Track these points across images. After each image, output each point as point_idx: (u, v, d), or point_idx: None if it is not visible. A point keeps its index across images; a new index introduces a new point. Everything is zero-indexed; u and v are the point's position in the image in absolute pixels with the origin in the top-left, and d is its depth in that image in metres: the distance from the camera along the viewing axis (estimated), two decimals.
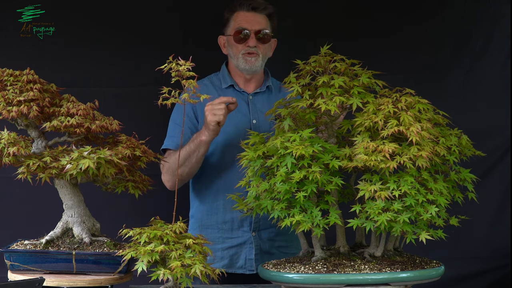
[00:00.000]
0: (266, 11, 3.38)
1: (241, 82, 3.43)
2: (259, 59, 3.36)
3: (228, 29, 3.40)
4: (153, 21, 3.90)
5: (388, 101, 2.56)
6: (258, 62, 3.36)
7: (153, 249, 2.41)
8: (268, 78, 3.48)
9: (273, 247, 3.38)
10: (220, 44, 3.45)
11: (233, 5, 3.40)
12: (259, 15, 3.37)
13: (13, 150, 2.59)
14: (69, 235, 2.72)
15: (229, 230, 3.36)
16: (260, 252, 3.36)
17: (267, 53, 3.40)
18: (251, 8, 3.36)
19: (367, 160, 2.47)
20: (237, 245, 3.36)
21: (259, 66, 3.37)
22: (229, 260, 3.35)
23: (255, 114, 3.38)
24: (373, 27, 4.00)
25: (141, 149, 2.72)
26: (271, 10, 3.40)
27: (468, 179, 2.69)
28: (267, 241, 3.38)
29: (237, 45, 3.35)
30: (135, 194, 2.77)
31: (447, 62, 4.02)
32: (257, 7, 3.37)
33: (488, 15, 4.00)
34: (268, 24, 3.38)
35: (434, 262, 2.65)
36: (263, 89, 3.44)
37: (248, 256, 3.36)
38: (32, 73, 2.73)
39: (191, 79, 2.53)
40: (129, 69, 3.88)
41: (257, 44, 3.34)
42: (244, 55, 3.34)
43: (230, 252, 3.35)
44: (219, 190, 3.34)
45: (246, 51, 3.34)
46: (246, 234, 3.36)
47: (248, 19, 3.36)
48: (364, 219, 2.50)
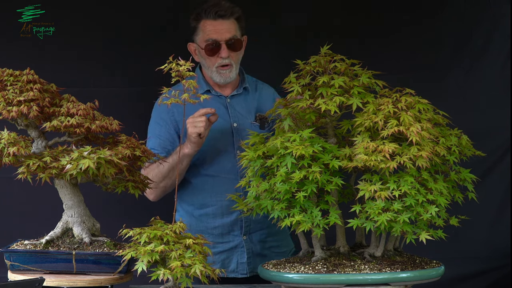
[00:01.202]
0: (233, 16, 3.28)
1: (217, 87, 3.38)
2: (233, 69, 3.30)
3: (197, 37, 3.31)
4: (153, 21, 3.90)
5: (388, 101, 2.56)
6: (232, 73, 3.30)
7: (153, 249, 2.41)
8: (244, 79, 3.42)
9: (265, 249, 3.37)
10: (190, 51, 3.36)
11: (198, 13, 3.29)
12: (227, 22, 3.26)
13: (13, 150, 2.59)
14: (69, 235, 2.72)
15: (219, 235, 3.33)
16: (252, 255, 3.35)
17: (239, 58, 3.33)
18: (218, 16, 3.25)
19: (367, 160, 2.47)
20: (228, 249, 3.34)
21: (234, 76, 3.32)
22: (220, 264, 3.32)
23: (235, 117, 3.35)
24: (373, 27, 3.99)
25: (141, 149, 2.72)
26: (238, 13, 3.29)
27: (468, 179, 2.69)
28: (258, 243, 3.36)
29: (210, 58, 3.28)
30: (135, 194, 2.77)
31: (447, 62, 4.02)
32: (224, 15, 3.25)
33: (488, 15, 4.00)
34: (237, 28, 3.29)
35: (434, 262, 2.65)
36: (240, 91, 3.39)
37: (240, 260, 3.34)
38: (32, 73, 2.73)
39: (191, 79, 2.53)
40: (129, 69, 3.88)
41: (229, 53, 3.27)
42: (218, 69, 3.28)
43: (221, 256, 3.33)
44: (207, 197, 3.32)
45: (219, 64, 3.27)
46: (237, 238, 3.34)
47: (217, 29, 3.25)
48: (364, 219, 2.50)
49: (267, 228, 3.35)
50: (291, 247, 3.49)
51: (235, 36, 3.28)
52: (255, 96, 3.44)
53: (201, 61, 3.36)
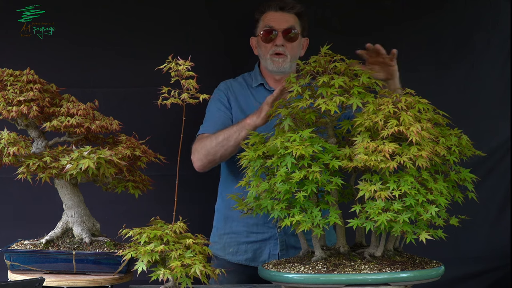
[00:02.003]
0: (294, 10, 3.41)
1: (271, 81, 3.46)
2: (287, 60, 3.38)
3: (258, 29, 3.45)
4: (152, 21, 3.90)
5: (388, 101, 2.56)
6: (285, 64, 3.38)
7: (153, 249, 2.41)
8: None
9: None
10: (252, 45, 3.50)
11: (262, 6, 3.45)
12: (287, 14, 3.40)
13: (13, 150, 2.59)
14: (69, 235, 2.72)
15: (254, 225, 3.38)
16: (286, 247, 3.38)
17: (295, 53, 3.41)
18: (279, 8, 3.40)
19: (367, 160, 2.47)
20: (261, 240, 3.39)
21: (287, 67, 3.39)
22: (252, 254, 3.38)
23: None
24: (373, 27, 3.99)
25: (141, 149, 2.72)
26: (300, 9, 3.43)
27: (468, 179, 2.69)
28: (293, 236, 3.37)
29: (265, 45, 3.39)
30: (135, 194, 2.77)
31: (447, 62, 4.02)
32: (285, 7, 3.40)
33: (488, 15, 4.00)
34: (297, 22, 3.41)
35: (434, 262, 2.65)
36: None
37: (272, 252, 3.38)
38: (32, 73, 2.73)
39: (191, 79, 2.54)
40: (129, 69, 3.88)
41: (284, 43, 3.37)
42: (271, 56, 3.38)
43: (254, 246, 3.38)
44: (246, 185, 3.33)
45: (273, 51, 3.37)
46: (271, 230, 3.38)
47: (276, 19, 3.39)
48: (364, 219, 2.50)
49: None
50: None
51: (292, 27, 3.39)
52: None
53: (258, 52, 3.46)
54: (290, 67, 3.39)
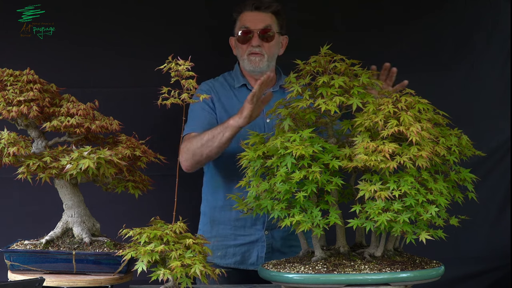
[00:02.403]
0: (270, 9, 3.40)
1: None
2: (264, 59, 3.37)
3: (235, 30, 3.44)
4: (153, 21, 3.90)
5: (388, 101, 2.56)
6: (262, 63, 3.37)
7: (153, 249, 2.41)
8: (281, 77, 3.48)
9: (286, 246, 3.39)
10: (231, 45, 3.49)
11: (239, 6, 3.43)
12: (263, 14, 3.38)
13: (13, 150, 2.59)
14: (69, 235, 2.72)
15: (241, 227, 3.37)
16: (272, 250, 3.37)
17: (273, 52, 3.40)
18: (255, 7, 3.38)
19: (367, 160, 2.47)
20: (249, 242, 3.38)
21: (265, 67, 3.38)
22: (241, 256, 3.37)
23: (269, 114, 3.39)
24: (373, 27, 3.99)
25: (141, 149, 2.72)
26: (276, 8, 3.41)
27: (468, 179, 2.69)
28: (280, 240, 3.38)
29: (242, 46, 3.39)
30: (135, 194, 2.77)
31: (447, 62, 4.02)
32: (261, 6, 3.38)
33: (488, 15, 4.00)
34: (274, 21, 3.39)
35: (434, 262, 2.65)
36: (276, 89, 3.44)
37: (260, 254, 3.38)
38: (32, 73, 2.73)
39: (191, 79, 2.53)
40: (129, 69, 3.88)
41: (260, 43, 3.36)
42: (248, 56, 3.37)
43: (242, 249, 3.37)
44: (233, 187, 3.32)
45: (250, 51, 3.36)
46: (259, 232, 3.37)
47: (252, 19, 3.38)
48: (364, 219, 2.50)
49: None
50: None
51: (268, 27, 3.37)
52: None
53: (237, 52, 3.45)
54: (267, 66, 3.39)
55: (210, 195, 3.44)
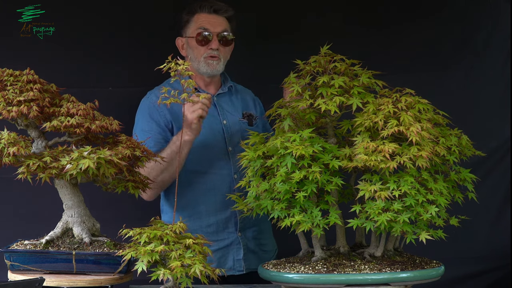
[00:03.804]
0: (227, 14, 3.39)
1: (202, 84, 3.43)
2: (221, 63, 3.37)
3: (188, 30, 3.39)
4: (153, 21, 3.90)
5: (388, 101, 2.56)
6: (219, 66, 3.37)
7: (153, 249, 2.41)
8: (227, 79, 3.49)
9: (256, 245, 3.39)
10: (178, 45, 3.45)
11: (193, 7, 3.39)
12: (220, 18, 3.37)
13: (13, 150, 2.58)
14: (69, 235, 2.72)
15: (214, 232, 3.33)
16: (248, 251, 3.36)
17: (228, 55, 3.41)
18: (213, 10, 3.36)
19: (367, 160, 2.47)
20: (224, 247, 3.34)
21: (220, 70, 3.39)
22: (217, 263, 3.30)
23: (224, 115, 3.40)
24: (373, 27, 3.99)
25: (141, 149, 2.72)
26: (232, 13, 3.40)
27: (468, 179, 2.69)
28: (252, 240, 3.38)
29: (199, 48, 3.35)
30: (135, 194, 2.77)
31: (447, 62, 4.02)
32: (219, 10, 3.37)
33: (488, 15, 4.00)
34: (228, 26, 3.38)
35: (434, 262, 2.65)
36: (225, 90, 3.47)
37: (236, 257, 3.35)
38: (32, 73, 2.73)
39: (190, 79, 2.54)
40: (129, 69, 3.88)
41: (219, 46, 3.34)
42: (206, 59, 3.34)
43: (217, 254, 3.32)
44: (199, 194, 3.31)
45: (208, 54, 3.34)
46: (232, 235, 3.35)
47: (210, 21, 3.35)
48: (364, 219, 2.50)
49: (259, 225, 3.36)
50: (275, 248, 3.50)
51: (226, 31, 3.36)
52: (238, 96, 3.52)
53: (188, 53, 3.40)
54: (222, 69, 3.39)
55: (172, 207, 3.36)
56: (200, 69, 3.37)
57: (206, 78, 3.42)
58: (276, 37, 3.98)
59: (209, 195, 3.29)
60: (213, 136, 3.27)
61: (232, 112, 3.42)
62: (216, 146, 3.32)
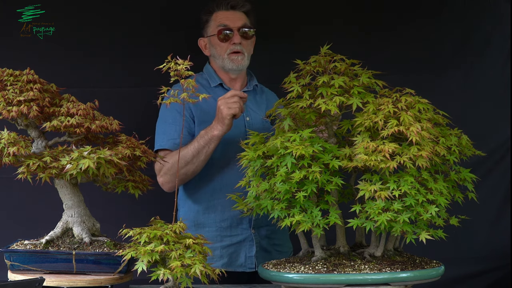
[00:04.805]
0: (244, 8, 3.42)
1: (227, 81, 3.45)
2: (245, 58, 3.39)
3: (209, 29, 3.42)
4: (153, 21, 3.90)
5: (388, 101, 2.56)
6: (244, 61, 3.39)
7: (153, 249, 2.41)
8: (253, 78, 3.51)
9: (270, 245, 3.39)
10: (200, 46, 3.48)
11: (210, 7, 3.43)
12: (239, 13, 3.41)
13: (13, 150, 2.59)
14: (69, 235, 2.72)
15: (227, 228, 3.34)
16: (260, 249, 3.36)
17: (250, 50, 3.43)
18: (230, 6, 3.39)
19: (367, 160, 2.47)
20: (236, 243, 3.35)
21: (245, 65, 3.41)
22: (228, 258, 3.33)
23: (247, 112, 3.41)
24: (373, 27, 3.99)
25: (141, 149, 2.72)
26: (249, 7, 3.43)
27: (468, 179, 2.69)
28: (265, 238, 3.38)
29: (222, 44, 3.38)
30: (135, 194, 2.77)
31: (447, 62, 4.01)
32: (236, 5, 3.40)
33: (488, 15, 4.00)
34: (247, 21, 3.41)
35: (434, 262, 2.65)
36: (250, 88, 3.48)
37: (248, 254, 3.35)
38: (32, 73, 2.73)
39: (190, 79, 2.53)
40: (129, 69, 3.88)
41: (241, 40, 3.37)
42: (229, 55, 3.37)
43: (229, 250, 3.34)
44: (216, 189, 3.32)
45: (231, 50, 3.36)
46: (246, 231, 3.35)
47: (229, 17, 3.39)
48: (364, 219, 2.50)
49: (273, 224, 3.37)
50: (291, 250, 3.50)
51: (246, 25, 3.39)
52: (263, 97, 3.53)
53: (211, 52, 3.43)
54: (247, 64, 3.42)
55: (189, 200, 3.39)
56: (225, 66, 3.40)
57: (231, 75, 3.43)
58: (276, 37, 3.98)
59: (226, 190, 3.29)
60: (235, 132, 3.26)
61: (256, 110, 3.43)
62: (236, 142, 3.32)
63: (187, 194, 3.40)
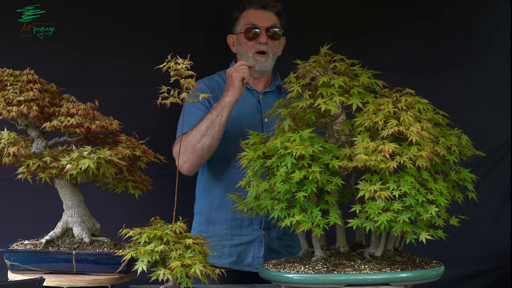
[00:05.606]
0: (275, 9, 3.42)
1: (250, 80, 3.44)
2: (269, 59, 3.38)
3: (238, 27, 3.43)
4: (153, 21, 3.90)
5: (388, 101, 2.56)
6: (268, 62, 3.39)
7: (153, 249, 2.41)
8: (277, 78, 3.50)
9: (281, 246, 3.39)
10: (229, 43, 3.48)
11: (242, 4, 3.43)
12: (269, 13, 3.40)
13: (13, 150, 2.59)
14: (69, 235, 2.72)
15: (238, 227, 3.36)
16: (269, 251, 3.36)
17: (276, 51, 3.42)
18: (261, 6, 3.40)
19: (367, 160, 2.47)
20: (245, 242, 3.36)
21: (269, 66, 3.40)
22: (236, 257, 3.35)
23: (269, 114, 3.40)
24: (373, 27, 3.99)
25: (141, 149, 2.72)
26: (280, 8, 3.43)
27: (468, 179, 2.69)
28: (276, 240, 3.38)
29: (248, 43, 3.38)
30: (135, 194, 2.77)
31: (447, 62, 4.02)
32: (267, 5, 3.40)
33: (488, 15, 4.00)
34: (277, 21, 3.41)
35: (434, 262, 2.65)
36: (273, 89, 3.47)
37: (256, 254, 3.36)
38: (32, 73, 2.73)
39: (190, 78, 2.53)
40: (129, 69, 3.88)
41: (267, 41, 3.36)
42: (254, 55, 3.37)
43: (238, 249, 3.36)
44: (229, 185, 3.32)
45: (256, 49, 3.36)
46: (256, 232, 3.36)
47: (258, 17, 3.38)
48: (364, 219, 2.50)
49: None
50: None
51: (275, 25, 3.39)
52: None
53: (238, 50, 3.44)
54: (271, 65, 3.41)
55: (205, 195, 3.42)
56: None
57: (255, 74, 3.42)
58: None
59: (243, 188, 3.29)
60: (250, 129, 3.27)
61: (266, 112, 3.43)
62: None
63: (203, 188, 3.42)
